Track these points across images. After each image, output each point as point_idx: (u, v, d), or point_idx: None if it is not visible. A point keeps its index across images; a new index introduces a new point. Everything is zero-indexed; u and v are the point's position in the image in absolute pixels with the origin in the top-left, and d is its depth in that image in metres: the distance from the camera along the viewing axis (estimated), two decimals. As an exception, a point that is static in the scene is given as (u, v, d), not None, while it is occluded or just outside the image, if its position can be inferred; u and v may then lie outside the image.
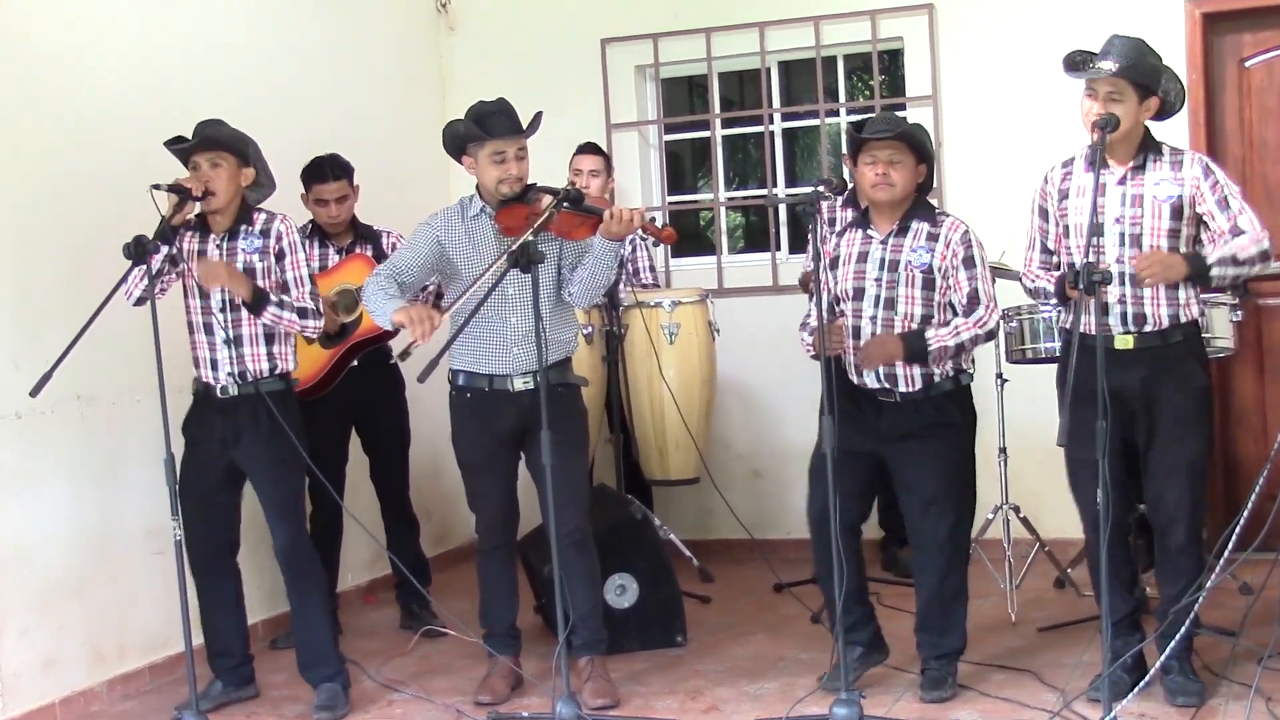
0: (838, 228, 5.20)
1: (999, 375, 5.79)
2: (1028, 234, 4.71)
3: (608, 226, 4.70)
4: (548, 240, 4.78)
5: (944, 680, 4.74)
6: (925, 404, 4.69)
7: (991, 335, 4.75)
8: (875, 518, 6.23)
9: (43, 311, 5.07)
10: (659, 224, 4.85)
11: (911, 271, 4.68)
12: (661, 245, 6.27)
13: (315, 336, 4.86)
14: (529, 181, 4.87)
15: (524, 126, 4.82)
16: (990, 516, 5.88)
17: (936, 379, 4.70)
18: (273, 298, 4.84)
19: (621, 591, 5.52)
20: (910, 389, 4.70)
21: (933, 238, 4.71)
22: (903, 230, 4.74)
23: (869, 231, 4.79)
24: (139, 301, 4.73)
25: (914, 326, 4.68)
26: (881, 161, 4.67)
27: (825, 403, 4.36)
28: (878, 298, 4.72)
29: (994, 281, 5.68)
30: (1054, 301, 4.67)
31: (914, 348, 4.62)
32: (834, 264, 4.83)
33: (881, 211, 4.76)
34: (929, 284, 4.68)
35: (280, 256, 4.92)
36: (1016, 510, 5.87)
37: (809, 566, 6.28)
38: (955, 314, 4.71)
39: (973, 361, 4.87)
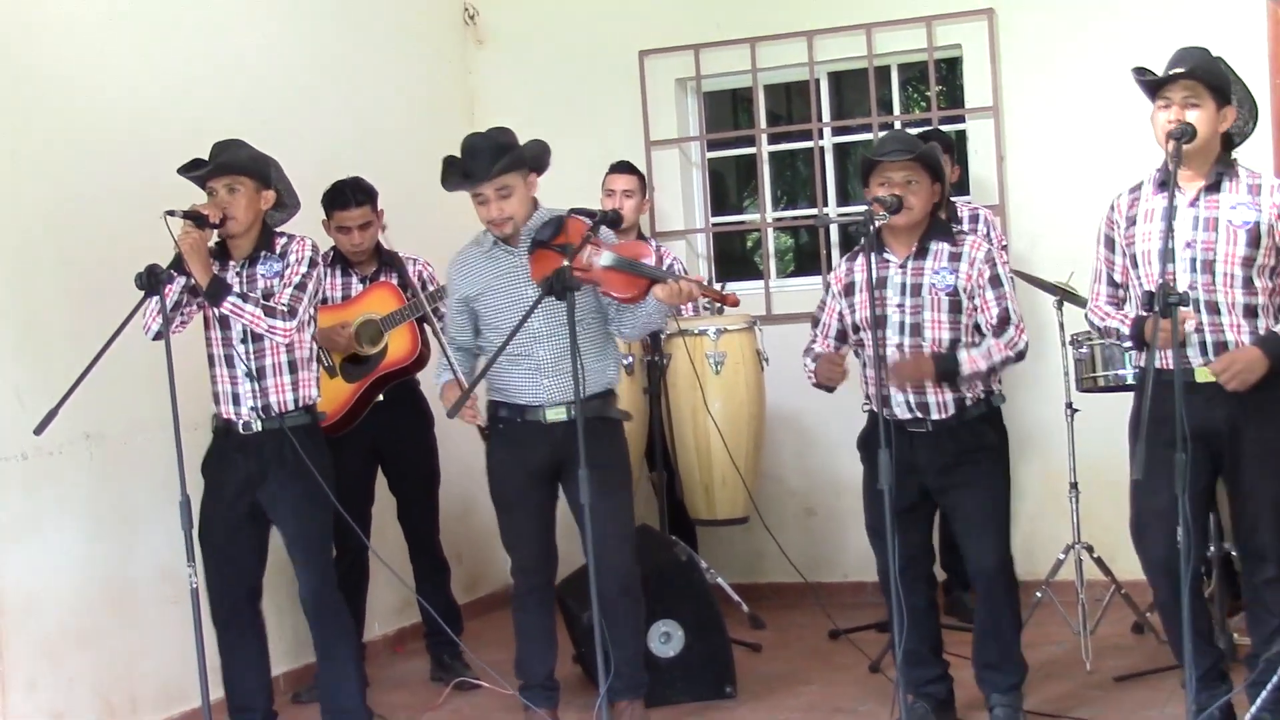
0: (851, 253, 5.22)
1: (1069, 405, 5.74)
2: (1093, 267, 4.67)
3: (661, 298, 4.73)
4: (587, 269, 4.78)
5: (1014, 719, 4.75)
6: (960, 430, 4.75)
7: (1022, 356, 4.78)
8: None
9: (49, 344, 5.09)
10: (716, 287, 4.86)
11: (936, 295, 4.72)
12: (706, 264, 6.22)
13: (285, 340, 4.85)
14: (570, 208, 4.87)
15: (496, 164, 4.81)
16: (1061, 557, 5.82)
17: (968, 403, 4.75)
18: (236, 289, 4.82)
19: (666, 639, 5.48)
20: (943, 416, 4.74)
21: (955, 258, 4.75)
22: (922, 252, 4.77)
23: (885, 255, 4.80)
24: (158, 336, 4.74)
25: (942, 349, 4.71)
26: (897, 184, 4.70)
27: (881, 436, 4.36)
28: (902, 324, 4.76)
29: (1061, 305, 5.67)
30: (1128, 345, 4.64)
31: (946, 369, 4.67)
32: (847, 291, 4.89)
33: (897, 234, 4.79)
34: (955, 306, 4.72)
35: (285, 267, 4.93)
36: (1089, 550, 5.81)
37: (867, 611, 6.26)
38: (982, 335, 4.75)
39: (999, 381, 4.90)
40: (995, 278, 4.74)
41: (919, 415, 4.76)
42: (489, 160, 4.81)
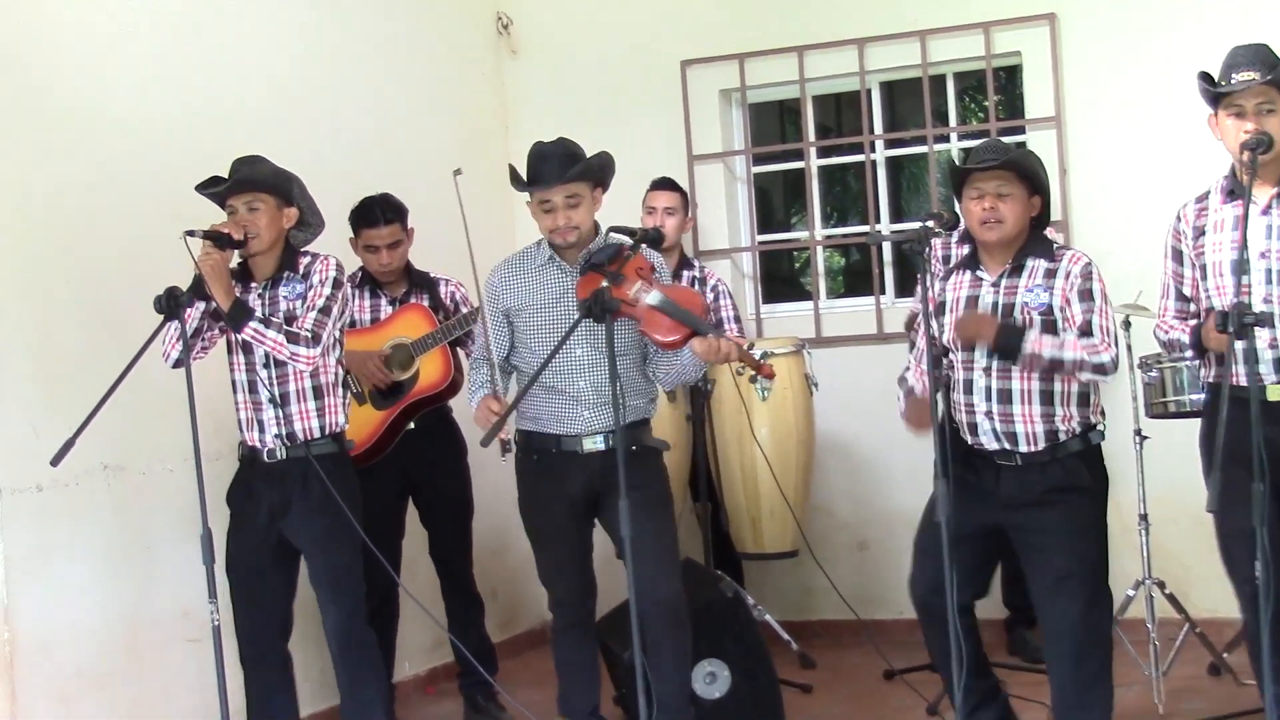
0: (946, 270, 5.16)
1: (1138, 432, 5.69)
2: (1160, 281, 4.62)
3: (699, 352, 4.71)
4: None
5: None
6: (1051, 465, 4.62)
7: (1101, 370, 4.58)
8: (998, 594, 6.16)
9: (65, 371, 5.11)
10: (756, 354, 4.85)
11: (1029, 314, 4.63)
12: (751, 284, 6.20)
13: (308, 368, 4.86)
14: (610, 226, 4.87)
15: (569, 170, 4.82)
16: (1131, 593, 5.77)
17: (1062, 437, 4.63)
18: (258, 314, 4.83)
19: (711, 680, 5.46)
20: (1032, 448, 4.63)
21: (1051, 274, 4.66)
22: (1016, 270, 4.70)
23: (978, 273, 4.75)
24: (179, 363, 4.75)
25: (1035, 375, 4.61)
26: (989, 195, 4.63)
27: (939, 466, 4.30)
28: None
29: (1128, 326, 5.62)
30: (1190, 355, 4.57)
31: (1008, 339, 4.53)
32: (940, 310, 4.80)
33: (991, 251, 4.72)
34: (1049, 327, 4.62)
35: (308, 289, 4.94)
36: (1161, 586, 5.75)
37: (922, 650, 6.20)
38: None
39: (1103, 414, 4.78)
40: (1086, 291, 4.62)
41: (1006, 447, 4.64)
42: (560, 166, 4.82)
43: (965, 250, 4.97)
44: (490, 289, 4.97)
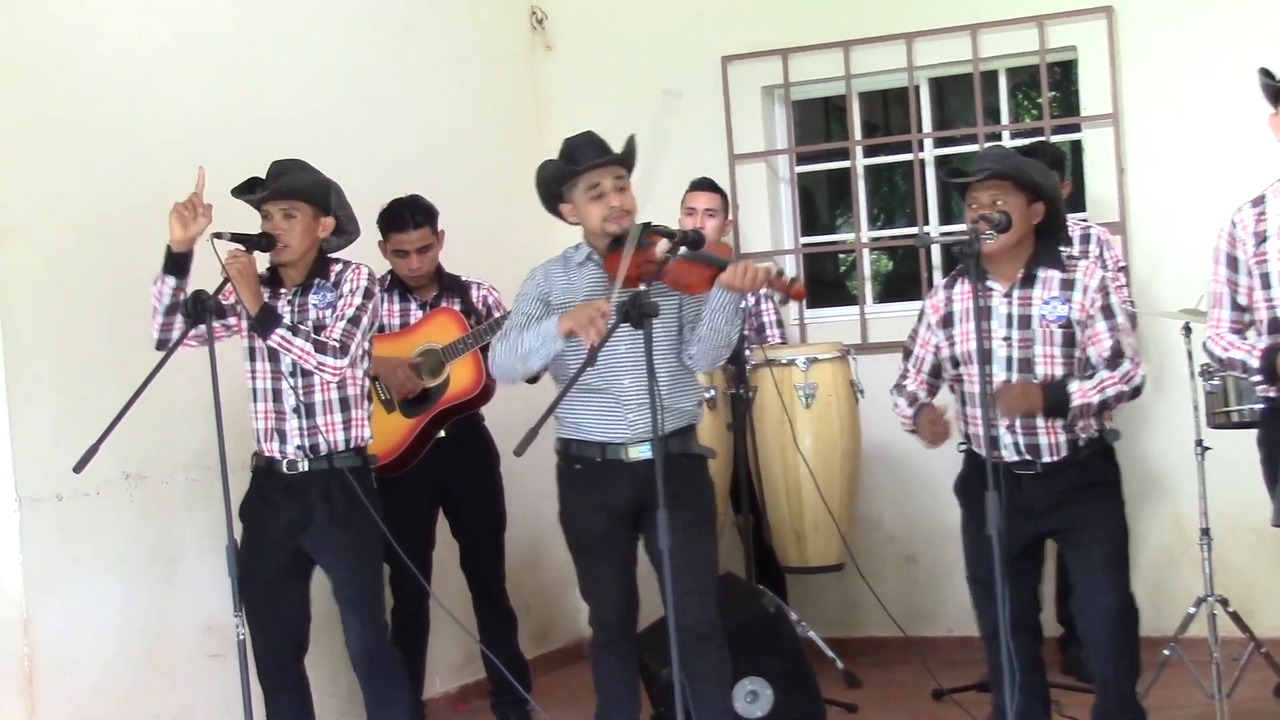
0: (949, 278, 5.16)
1: (1199, 442, 5.64)
2: (1211, 290, 4.61)
3: (727, 281, 4.66)
4: (664, 293, 4.75)
5: None
6: (1071, 467, 4.75)
7: (1138, 392, 4.77)
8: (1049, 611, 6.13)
9: (88, 376, 5.13)
10: (786, 278, 4.80)
11: (1047, 327, 4.71)
12: (790, 302, 6.20)
13: (335, 379, 4.86)
14: (643, 221, 4.85)
15: (611, 151, 4.81)
16: (1192, 611, 5.72)
17: (1080, 444, 4.74)
18: (286, 321, 4.84)
19: (753, 699, 5.45)
20: (1054, 458, 4.74)
21: (1067, 285, 4.74)
22: (1029, 280, 4.76)
23: (988, 283, 4.78)
24: (161, 345, 4.77)
25: None
26: (983, 205, 4.67)
27: (989, 477, 4.33)
28: (1009, 359, 4.75)
29: (1188, 332, 5.59)
30: (1257, 379, 4.55)
31: (1055, 401, 4.65)
32: (945, 322, 4.87)
33: (996, 260, 4.76)
34: (1068, 340, 4.71)
35: (338, 298, 4.95)
36: (1224, 603, 5.70)
37: (974, 669, 6.18)
38: (1093, 369, 4.73)
39: (1111, 418, 4.88)
40: (1108, 307, 4.72)
41: (1028, 457, 4.75)
42: (602, 148, 4.81)
43: None
44: (534, 283, 4.92)
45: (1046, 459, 4.73)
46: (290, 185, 4.88)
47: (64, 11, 5.23)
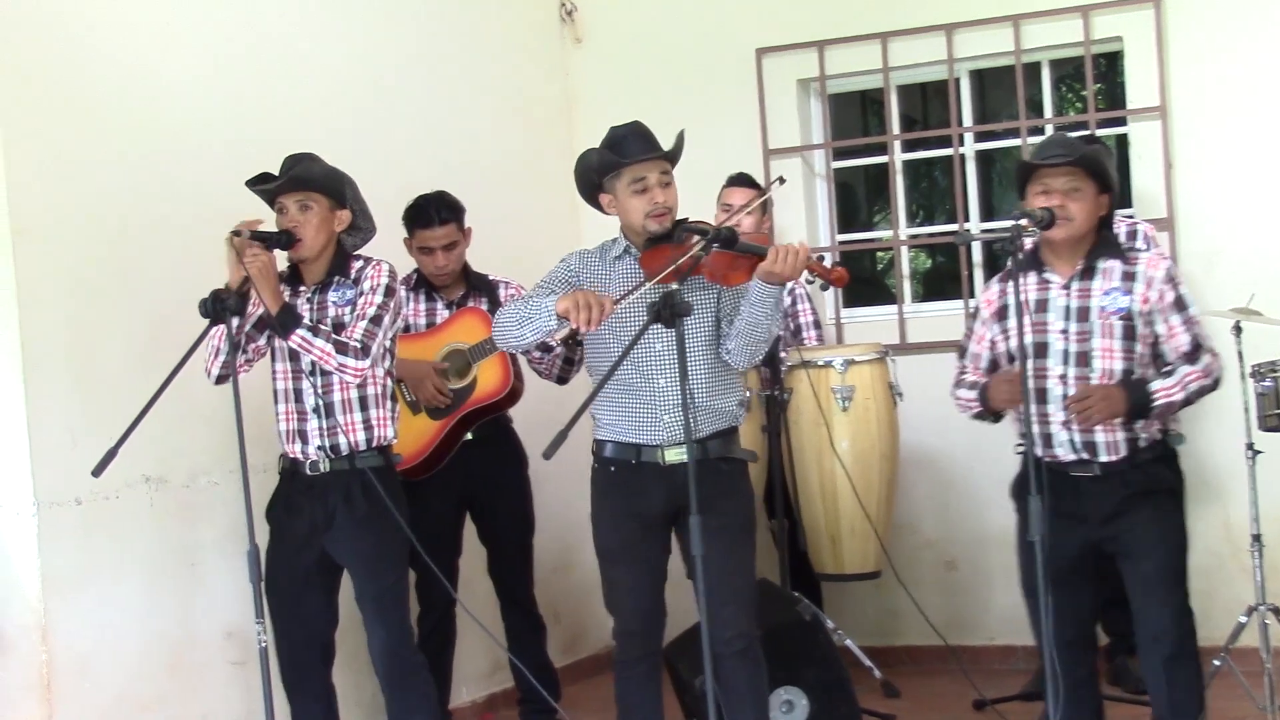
0: (1003, 272, 5.14)
1: (1249, 446, 5.61)
2: None
3: (769, 268, 4.64)
4: (702, 287, 4.74)
5: None
6: (1131, 472, 4.70)
7: (1217, 384, 4.74)
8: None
9: (106, 378, 5.14)
10: (827, 264, 4.79)
11: (1107, 319, 4.68)
12: (831, 289, 6.17)
13: (356, 380, 4.86)
14: (679, 216, 4.84)
15: (659, 146, 4.79)
16: (1243, 620, 5.70)
17: (1141, 444, 4.71)
18: (307, 322, 4.84)
19: (789, 709, 5.45)
20: (1112, 457, 4.69)
21: (1129, 277, 4.71)
22: (1089, 271, 4.74)
23: (1045, 275, 4.76)
24: (221, 379, 4.79)
25: (1115, 382, 4.66)
26: (1057, 192, 4.65)
27: (1032, 480, 4.33)
28: (1066, 353, 4.72)
29: (1239, 332, 5.56)
30: None
31: (1138, 401, 4.62)
32: (1000, 315, 4.85)
33: (1059, 251, 4.75)
34: (1129, 333, 4.68)
35: (358, 295, 4.95)
36: (1277, 611, 5.66)
37: (1016, 679, 6.17)
38: (1161, 365, 4.71)
39: (1177, 419, 4.87)
40: (1180, 300, 4.70)
41: (1085, 457, 4.70)
42: (650, 142, 4.78)
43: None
44: (565, 266, 4.88)
45: (1104, 458, 4.69)
46: (305, 174, 4.89)
47: (82, 9, 5.24)
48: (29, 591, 4.93)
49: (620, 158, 4.75)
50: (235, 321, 4.77)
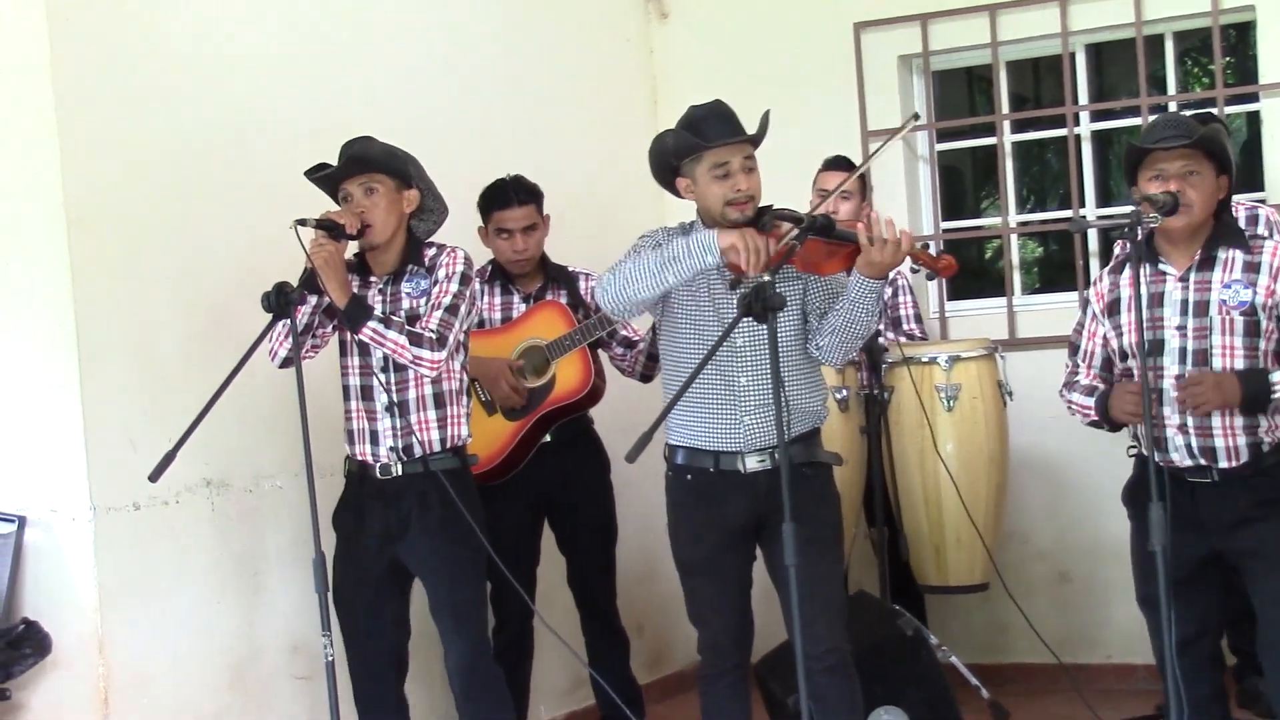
0: (1115, 263, 5.10)
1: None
2: None
3: (868, 255, 4.61)
4: (790, 277, 4.73)
5: None
6: (1255, 479, 4.65)
7: None
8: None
9: (164, 376, 5.20)
10: (932, 251, 4.77)
11: (1227, 314, 4.64)
12: (936, 279, 6.16)
13: (432, 373, 4.88)
14: (763, 204, 4.83)
15: (744, 130, 4.77)
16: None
17: (1265, 448, 4.65)
18: (377, 314, 4.86)
19: (889, 730, 5.43)
20: (1233, 463, 4.64)
21: (1251, 268, 4.66)
22: (1208, 262, 4.69)
23: (1160, 266, 4.72)
24: (285, 363, 4.81)
25: None
26: (1173, 177, 4.61)
27: (1153, 486, 4.31)
28: (1183, 350, 4.68)
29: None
30: None
31: (1254, 391, 4.56)
32: (1111, 310, 4.82)
33: (1175, 240, 4.70)
34: (1251, 329, 4.64)
35: (432, 284, 4.97)
36: None
37: (1137, 700, 6.12)
38: None
39: None
40: None
41: (1203, 462, 4.65)
42: (734, 125, 4.76)
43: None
44: (649, 238, 4.85)
45: (1224, 464, 4.65)
46: (365, 153, 4.91)
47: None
48: (85, 601, 4.98)
49: (700, 140, 4.74)
50: (312, 301, 4.81)
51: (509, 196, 5.90)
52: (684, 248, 4.63)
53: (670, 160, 4.81)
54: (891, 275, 6.41)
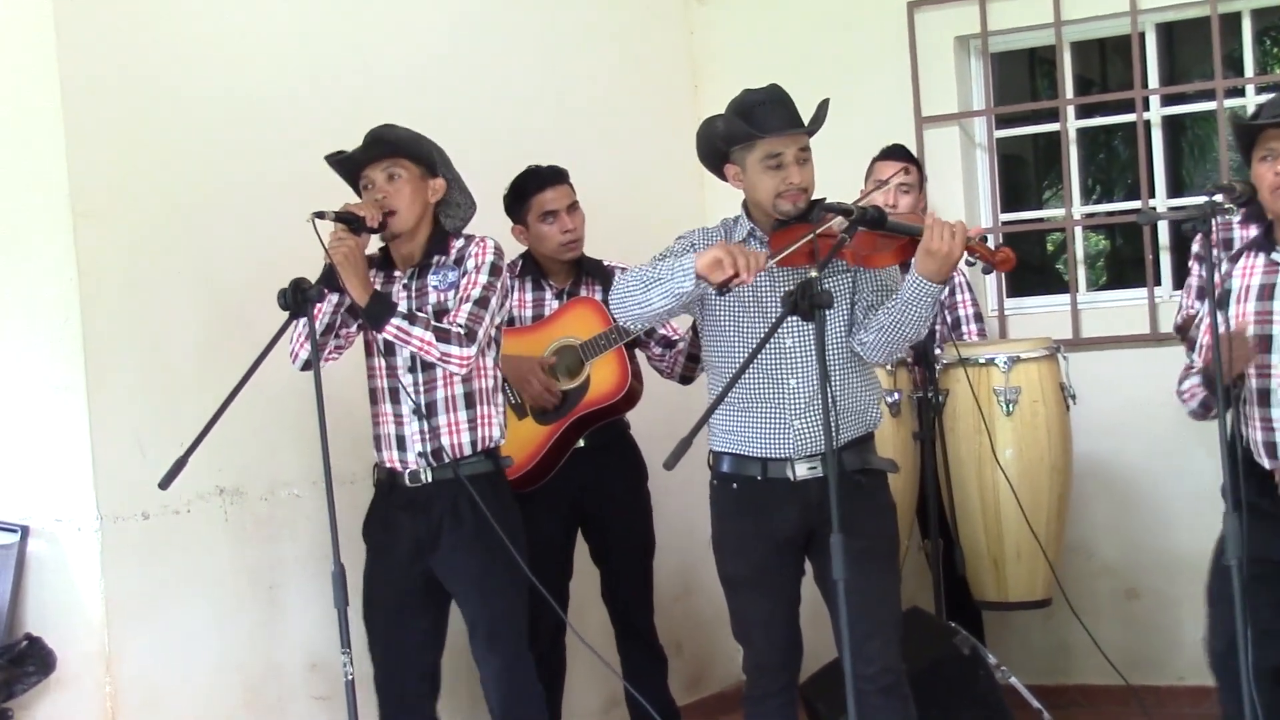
0: (1234, 252, 5.07)
1: None
2: None
3: (927, 244, 4.59)
4: (839, 271, 4.72)
5: None
6: None
7: None
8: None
9: (176, 379, 5.21)
10: (990, 245, 4.75)
11: None
12: (993, 274, 6.14)
13: (461, 371, 4.88)
14: (815, 196, 4.82)
15: (806, 120, 4.77)
16: None
17: None
18: (401, 309, 4.86)
19: (945, 755, 5.42)
20: None
21: None
22: None
23: (1274, 256, 4.68)
24: (306, 365, 4.82)
25: None
26: None
27: (1228, 494, 4.26)
28: None
29: None
30: None
31: None
32: (1224, 302, 4.74)
33: None
34: None
35: (460, 276, 4.98)
36: None
37: (1209, 726, 6.07)
38: None
39: None
40: None
41: None
42: (791, 114, 4.75)
43: (1250, 232, 4.90)
44: (685, 240, 4.86)
45: None
46: (387, 138, 4.92)
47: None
48: (92, 615, 4.99)
49: (755, 129, 4.73)
50: (333, 300, 4.82)
51: (544, 177, 5.90)
52: (666, 269, 4.63)
53: (720, 146, 4.81)
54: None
